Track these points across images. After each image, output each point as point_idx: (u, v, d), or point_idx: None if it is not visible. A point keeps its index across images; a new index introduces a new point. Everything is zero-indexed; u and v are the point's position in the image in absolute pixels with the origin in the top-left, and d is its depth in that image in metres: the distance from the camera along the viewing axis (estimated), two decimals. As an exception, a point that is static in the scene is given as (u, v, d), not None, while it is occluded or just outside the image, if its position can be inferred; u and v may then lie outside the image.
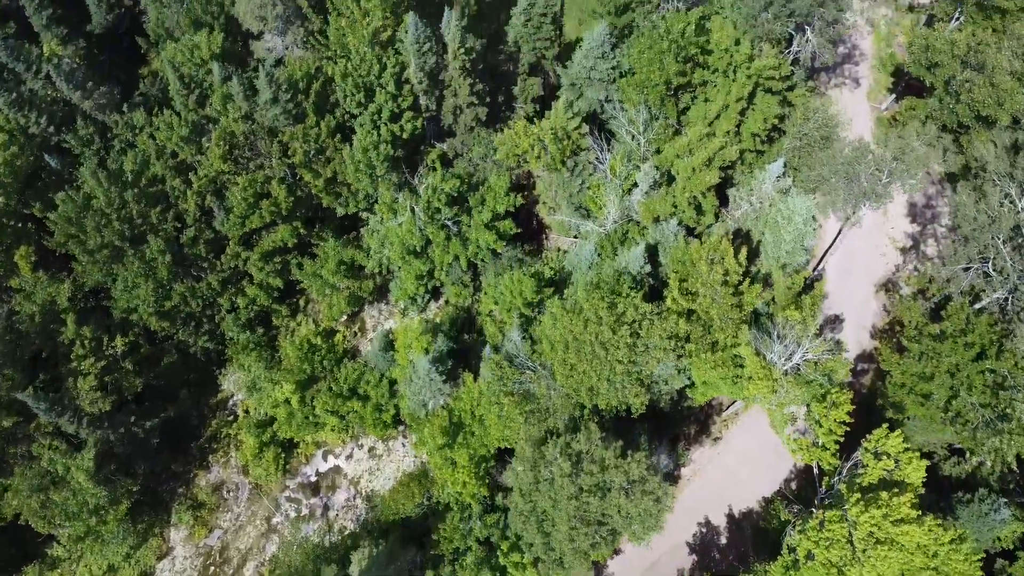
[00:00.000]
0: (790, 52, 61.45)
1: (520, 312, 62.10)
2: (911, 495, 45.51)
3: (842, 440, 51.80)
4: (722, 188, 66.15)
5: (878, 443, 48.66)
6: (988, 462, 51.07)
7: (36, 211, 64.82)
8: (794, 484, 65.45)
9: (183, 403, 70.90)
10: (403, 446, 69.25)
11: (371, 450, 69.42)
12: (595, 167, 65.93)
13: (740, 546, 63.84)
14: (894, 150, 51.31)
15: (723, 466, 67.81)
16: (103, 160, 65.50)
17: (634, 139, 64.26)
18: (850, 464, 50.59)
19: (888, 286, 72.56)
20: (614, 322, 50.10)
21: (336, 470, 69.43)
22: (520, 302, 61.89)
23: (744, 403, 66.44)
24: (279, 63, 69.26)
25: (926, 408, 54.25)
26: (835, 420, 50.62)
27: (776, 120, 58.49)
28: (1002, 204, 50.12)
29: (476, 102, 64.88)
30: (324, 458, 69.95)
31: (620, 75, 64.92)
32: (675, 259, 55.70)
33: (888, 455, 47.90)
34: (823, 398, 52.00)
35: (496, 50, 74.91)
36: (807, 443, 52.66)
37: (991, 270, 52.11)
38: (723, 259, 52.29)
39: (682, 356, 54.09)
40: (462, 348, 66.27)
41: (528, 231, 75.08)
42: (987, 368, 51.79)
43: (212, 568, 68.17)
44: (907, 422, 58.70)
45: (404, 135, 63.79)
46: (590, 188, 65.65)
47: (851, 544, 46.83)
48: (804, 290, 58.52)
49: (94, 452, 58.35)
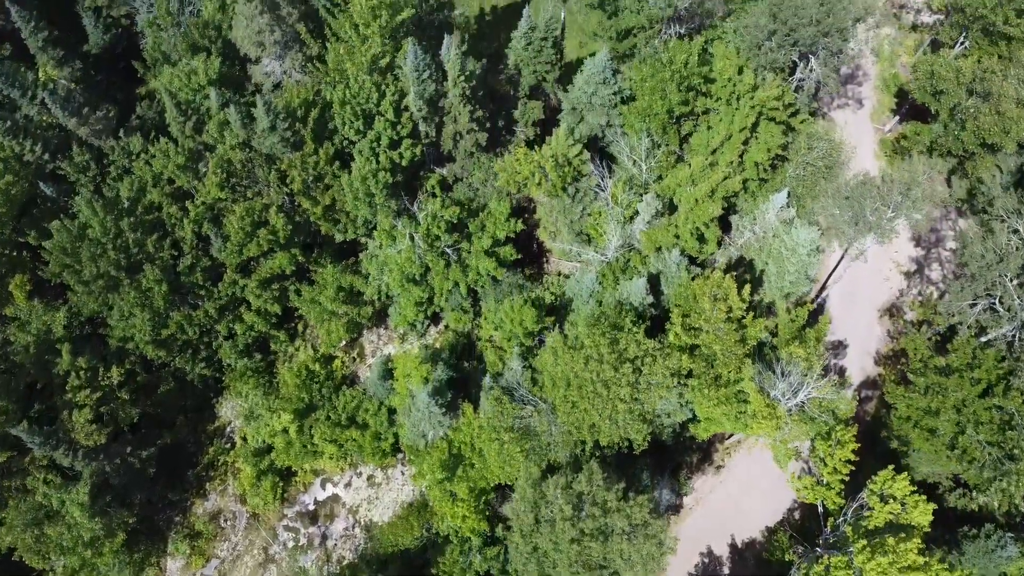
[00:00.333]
0: (793, 80, 60.68)
1: (521, 342, 61.39)
2: (918, 540, 44.77)
3: (847, 479, 51.06)
4: (725, 213, 65.34)
5: (884, 485, 47.89)
6: (995, 502, 50.28)
7: (31, 240, 64.05)
8: (797, 514, 64.67)
9: (180, 430, 70.08)
10: (402, 474, 68.47)
11: (370, 478, 68.64)
12: (596, 194, 65.18)
13: (743, 578, 63.32)
14: (899, 185, 50.53)
15: (726, 495, 67.06)
16: (99, 187, 64.70)
17: (635, 164, 63.55)
18: (856, 505, 49.77)
19: (892, 311, 71.82)
20: (616, 360, 49.33)
21: (334, 499, 68.64)
22: (521, 332, 61.16)
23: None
24: (277, 87, 68.60)
25: (932, 443, 53.53)
26: (840, 459, 49.88)
27: (780, 149, 57.73)
28: (1010, 241, 49.30)
29: (476, 128, 64.13)
30: (322, 486, 69.16)
31: (622, 101, 64.18)
32: (678, 294, 54.91)
33: (894, 498, 47.14)
34: (828, 435, 51.28)
35: (496, 70, 74.08)
36: (811, 482, 51.92)
37: (998, 306, 51.34)
38: (727, 296, 51.47)
39: (684, 392, 53.38)
40: (462, 376, 65.49)
41: (529, 254, 74.30)
42: (994, 405, 51.04)
43: (209, 598, 67.47)
44: (912, 453, 58.03)
45: (403, 162, 63.09)
46: (591, 215, 64.91)
47: (857, 590, 46.14)
48: (808, 322, 57.75)
49: (89, 487, 57.54)
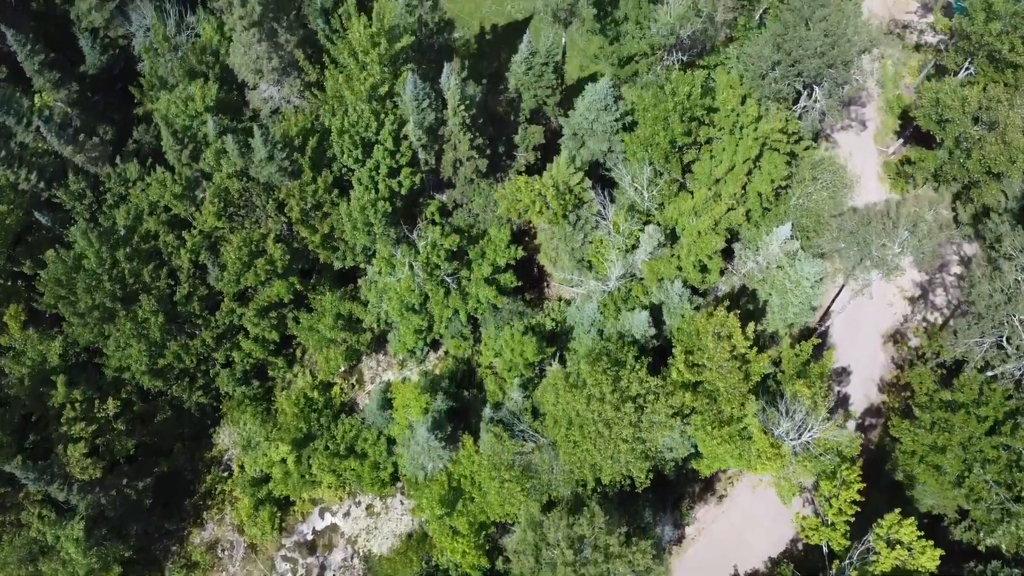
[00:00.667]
0: (797, 108, 60.00)
1: (521, 373, 60.71)
2: (925, 588, 44.18)
3: (853, 520, 50.37)
4: (727, 241, 64.63)
5: (891, 529, 47.21)
6: (1003, 544, 49.60)
7: (26, 269, 63.26)
8: (800, 545, 63.94)
9: (177, 457, 69.22)
10: (401, 503, 67.79)
11: (369, 508, 67.95)
12: (598, 222, 64.47)
13: (746, 612, 62.74)
14: (905, 221, 49.85)
15: (728, 525, 66.41)
16: (95, 215, 63.90)
17: (637, 191, 62.85)
18: (862, 548, 49.09)
19: (896, 337, 71.19)
20: (618, 399, 48.64)
21: (333, 528, 67.97)
22: (522, 363, 60.47)
23: (749, 464, 65.11)
24: (275, 113, 67.84)
25: (938, 480, 52.89)
26: (846, 500, 49.19)
27: (783, 181, 57.05)
28: (1018, 281, 48.59)
29: (476, 155, 63.45)
30: (321, 516, 68.45)
31: (623, 128, 63.47)
32: (681, 330, 54.19)
33: (901, 543, 46.46)
34: (833, 474, 50.59)
35: (496, 90, 73.36)
36: (816, 523, 51.22)
37: (1006, 344, 50.64)
38: (731, 335, 50.75)
39: (687, 428, 52.66)
40: (462, 406, 64.83)
41: (529, 278, 73.63)
42: (1002, 443, 50.36)
43: (206, 630, 66.77)
44: (917, 486, 57.38)
45: (402, 190, 62.41)
46: (592, 243, 64.22)
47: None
48: (812, 354, 57.06)
49: (84, 521, 56.84)
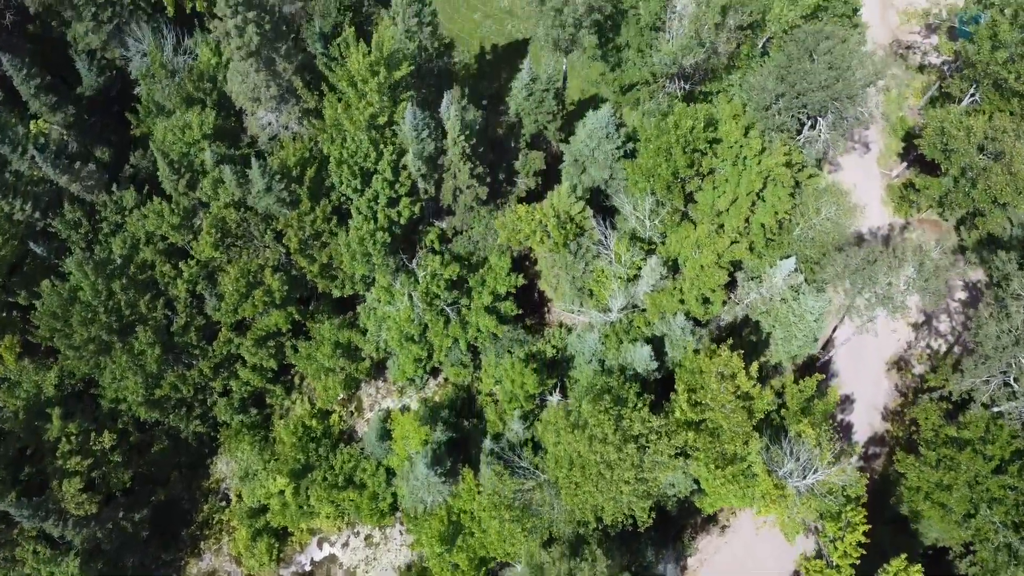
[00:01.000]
0: (800, 138, 59.33)
1: (521, 405, 60.07)
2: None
3: (858, 563, 49.77)
4: (730, 271, 63.98)
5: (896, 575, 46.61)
6: (1010, 589, 49.01)
7: (21, 300, 62.59)
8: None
9: (174, 486, 68.60)
10: (400, 534, 67.13)
11: (367, 538, 67.29)
12: (599, 251, 63.80)
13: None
14: (912, 261, 49.20)
15: (731, 555, 65.75)
16: (91, 244, 63.19)
17: (639, 221, 62.20)
18: (867, 593, 48.54)
19: (900, 364, 70.53)
20: (620, 439, 47.95)
21: (331, 559, 67.29)
22: (522, 395, 59.83)
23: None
24: (274, 139, 67.13)
25: (944, 519, 52.30)
26: (851, 543, 48.54)
27: (787, 214, 56.39)
28: (1026, 322, 48.01)
29: (476, 184, 62.79)
30: (319, 546, 67.80)
31: (625, 155, 62.79)
32: (684, 368, 53.52)
33: (907, 590, 45.92)
34: (838, 515, 49.94)
35: (496, 111, 72.62)
36: (821, 565, 50.56)
37: (1013, 384, 50.00)
38: (734, 375, 50.08)
39: (689, 466, 51.98)
40: (462, 437, 64.17)
41: (530, 304, 72.99)
42: (1008, 484, 49.75)
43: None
44: (922, 521, 56.78)
45: (401, 220, 61.75)
46: (594, 272, 63.56)
47: None
48: (817, 390, 56.39)
49: (79, 557, 56.20)
